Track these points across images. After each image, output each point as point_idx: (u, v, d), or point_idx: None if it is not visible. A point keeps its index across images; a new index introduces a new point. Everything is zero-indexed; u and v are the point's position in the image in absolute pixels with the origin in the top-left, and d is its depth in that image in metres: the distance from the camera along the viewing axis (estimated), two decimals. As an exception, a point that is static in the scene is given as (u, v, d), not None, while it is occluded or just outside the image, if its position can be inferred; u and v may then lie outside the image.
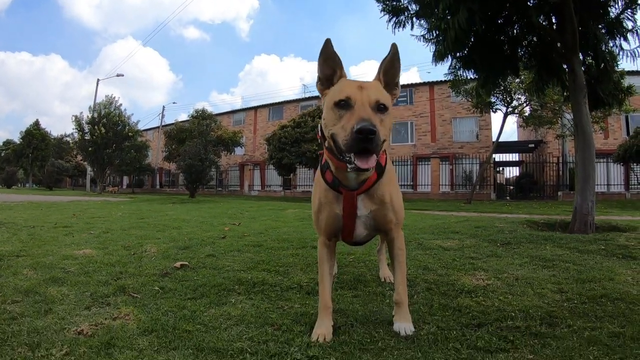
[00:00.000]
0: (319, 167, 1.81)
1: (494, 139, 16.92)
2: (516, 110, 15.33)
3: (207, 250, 3.57)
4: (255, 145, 29.76)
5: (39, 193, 22.99)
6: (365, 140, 1.30)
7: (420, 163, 22.57)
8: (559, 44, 5.16)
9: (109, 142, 20.69)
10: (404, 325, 1.72)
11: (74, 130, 23.41)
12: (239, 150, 28.62)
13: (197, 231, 5.06)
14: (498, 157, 22.89)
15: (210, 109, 27.51)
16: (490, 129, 22.72)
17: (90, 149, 20.62)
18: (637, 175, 14.60)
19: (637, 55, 5.15)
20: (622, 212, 9.86)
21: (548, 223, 5.79)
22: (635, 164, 14.76)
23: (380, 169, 1.67)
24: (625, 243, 3.72)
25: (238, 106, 33.16)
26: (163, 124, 34.34)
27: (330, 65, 1.61)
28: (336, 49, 1.60)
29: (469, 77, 6.16)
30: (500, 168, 24.12)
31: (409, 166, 23.00)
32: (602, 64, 5.34)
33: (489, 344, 1.58)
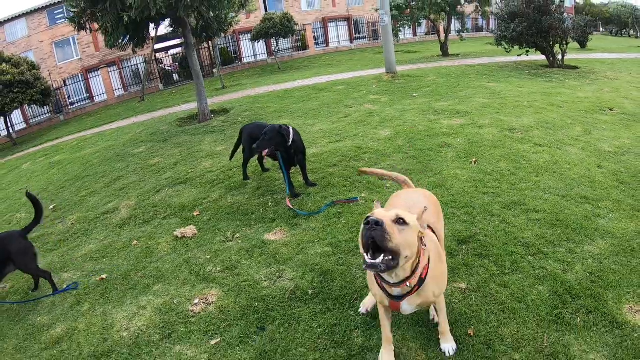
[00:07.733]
0: None
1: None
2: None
3: None
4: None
5: None
6: None
7: (91, 76, 22.60)
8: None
9: None
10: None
11: None
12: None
13: None
14: (158, 46, 25.03)
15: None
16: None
17: None
18: (275, 46, 20.71)
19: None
20: (249, 80, 15.92)
21: (191, 115, 9.71)
22: (271, 39, 19.48)
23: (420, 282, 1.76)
24: (204, 129, 7.92)
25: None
26: None
27: None
28: None
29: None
30: (162, 57, 26.74)
31: (81, 82, 22.83)
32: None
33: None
